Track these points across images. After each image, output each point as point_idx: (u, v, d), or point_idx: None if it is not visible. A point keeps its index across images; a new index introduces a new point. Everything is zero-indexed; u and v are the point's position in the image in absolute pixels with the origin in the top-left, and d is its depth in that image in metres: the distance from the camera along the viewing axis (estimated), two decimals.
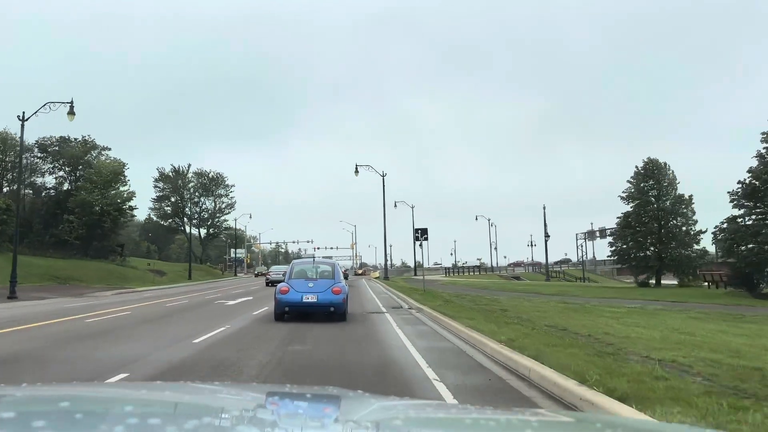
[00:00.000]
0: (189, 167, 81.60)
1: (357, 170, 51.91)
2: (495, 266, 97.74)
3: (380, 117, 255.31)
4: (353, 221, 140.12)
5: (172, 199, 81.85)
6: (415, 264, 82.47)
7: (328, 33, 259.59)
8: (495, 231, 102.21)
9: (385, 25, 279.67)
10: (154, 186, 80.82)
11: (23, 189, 58.65)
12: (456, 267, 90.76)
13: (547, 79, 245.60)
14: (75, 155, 58.51)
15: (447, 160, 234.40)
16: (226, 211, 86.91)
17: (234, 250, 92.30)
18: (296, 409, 1.95)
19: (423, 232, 27.95)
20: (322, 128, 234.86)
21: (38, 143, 58.14)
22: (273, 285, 21.98)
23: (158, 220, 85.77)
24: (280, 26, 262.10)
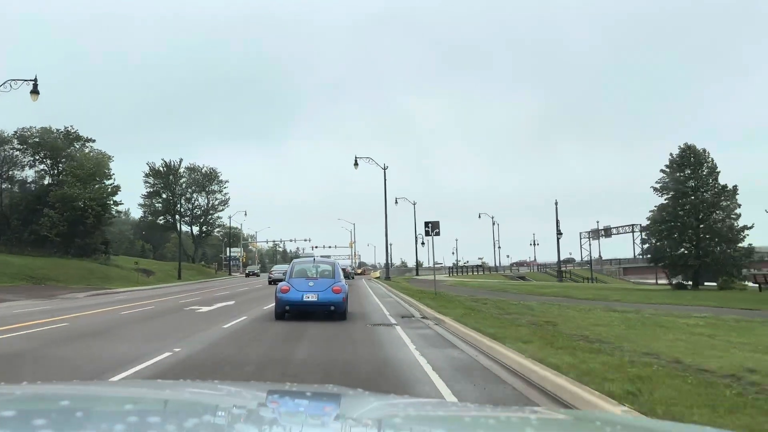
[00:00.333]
0: (181, 162, 77.54)
1: (357, 162, 48.54)
2: (498, 266, 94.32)
3: (380, 117, 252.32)
4: (352, 221, 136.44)
5: (164, 196, 77.87)
6: (417, 263, 78.80)
7: (328, 33, 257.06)
8: (498, 230, 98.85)
9: (385, 25, 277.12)
10: (145, 182, 76.87)
11: (1, 183, 55.13)
12: (458, 266, 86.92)
13: (547, 79, 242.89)
14: (57, 147, 54.88)
15: (447, 160, 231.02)
16: (220, 208, 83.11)
17: (229, 249, 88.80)
18: (297, 408, 1.93)
19: (434, 226, 24.19)
20: (322, 128, 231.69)
21: (17, 134, 54.52)
22: (275, 284, 22.44)
23: (150, 218, 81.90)
24: (280, 26, 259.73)
